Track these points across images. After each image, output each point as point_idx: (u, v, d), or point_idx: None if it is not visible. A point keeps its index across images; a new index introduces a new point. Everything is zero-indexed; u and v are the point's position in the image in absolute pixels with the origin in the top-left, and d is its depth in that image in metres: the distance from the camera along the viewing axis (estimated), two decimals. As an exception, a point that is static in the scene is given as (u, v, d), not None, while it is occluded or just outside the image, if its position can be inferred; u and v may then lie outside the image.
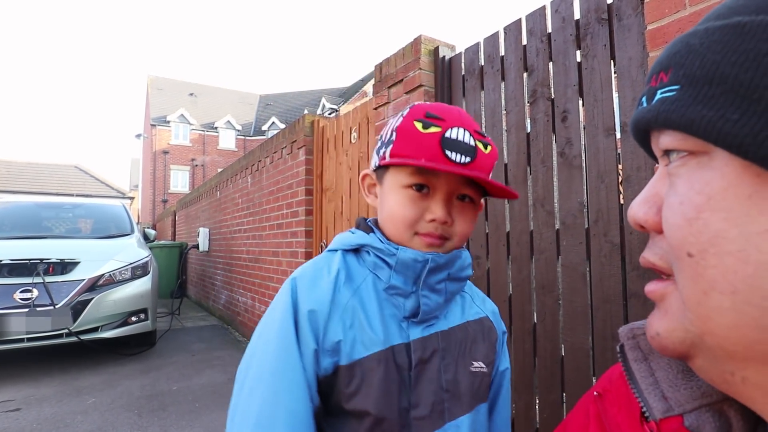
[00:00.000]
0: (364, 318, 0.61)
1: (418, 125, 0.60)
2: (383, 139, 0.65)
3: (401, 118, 0.63)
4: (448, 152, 0.58)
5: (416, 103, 0.66)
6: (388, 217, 0.64)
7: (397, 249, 0.62)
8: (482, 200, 0.69)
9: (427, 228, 0.61)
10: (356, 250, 0.67)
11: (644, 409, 0.33)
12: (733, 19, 0.26)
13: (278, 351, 0.58)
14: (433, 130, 0.59)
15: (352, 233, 0.69)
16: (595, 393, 0.40)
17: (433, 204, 0.61)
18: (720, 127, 0.25)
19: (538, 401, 1.71)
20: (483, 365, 0.66)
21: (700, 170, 0.27)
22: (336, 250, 0.68)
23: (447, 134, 0.58)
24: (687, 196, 0.27)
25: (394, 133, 0.62)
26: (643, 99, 0.31)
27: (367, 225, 0.69)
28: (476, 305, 0.72)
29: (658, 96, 0.29)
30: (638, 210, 0.32)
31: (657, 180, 0.32)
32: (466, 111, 2.04)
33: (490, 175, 0.63)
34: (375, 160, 0.67)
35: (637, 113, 0.31)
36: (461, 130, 0.59)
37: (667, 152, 0.30)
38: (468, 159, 0.58)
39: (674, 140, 0.28)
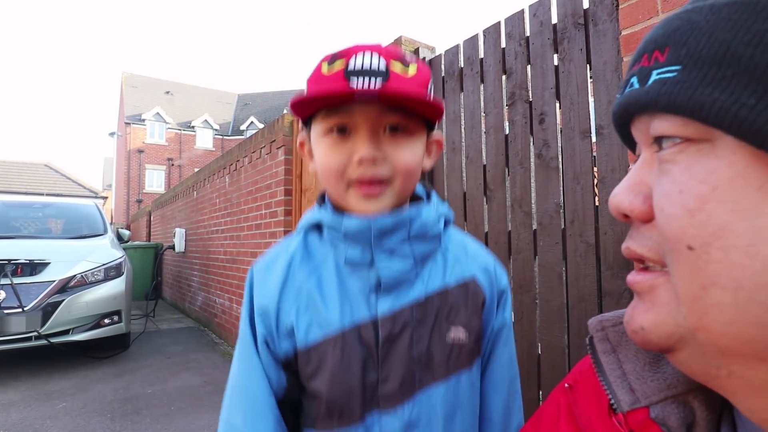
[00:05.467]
0: (320, 298, 0.58)
1: (324, 66, 0.55)
2: None
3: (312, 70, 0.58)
4: (352, 80, 0.52)
5: None
6: (321, 174, 0.60)
7: (342, 219, 0.58)
8: (433, 131, 0.63)
9: (358, 172, 0.55)
10: (319, 227, 0.64)
11: (612, 401, 0.34)
12: None
13: (240, 341, 0.62)
14: (336, 64, 0.54)
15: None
16: (566, 385, 0.40)
17: (357, 142, 0.55)
18: (735, 112, 0.23)
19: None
20: (462, 334, 0.61)
21: (702, 158, 0.25)
22: (300, 231, 0.66)
23: (350, 64, 0.53)
24: (688, 185, 0.25)
25: (306, 85, 0.58)
26: (634, 79, 0.28)
27: (322, 197, 0.65)
28: (462, 263, 0.65)
29: (654, 77, 0.27)
30: (623, 198, 0.30)
31: (641, 167, 0.30)
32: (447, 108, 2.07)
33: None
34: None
35: (629, 95, 0.29)
36: (367, 54, 0.53)
37: (657, 139, 0.28)
38: (377, 81, 0.52)
39: (673, 126, 0.26)
